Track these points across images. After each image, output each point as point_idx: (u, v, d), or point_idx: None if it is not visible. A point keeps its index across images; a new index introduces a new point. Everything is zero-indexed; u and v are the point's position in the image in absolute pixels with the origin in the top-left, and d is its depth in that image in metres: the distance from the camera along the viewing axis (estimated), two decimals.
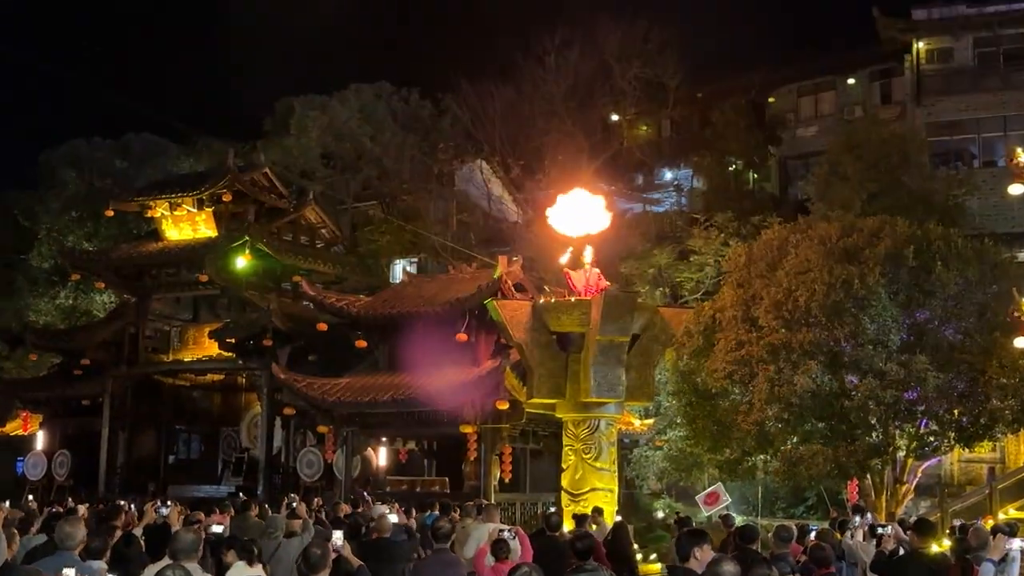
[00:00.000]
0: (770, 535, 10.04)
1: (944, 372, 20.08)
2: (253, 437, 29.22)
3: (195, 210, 28.67)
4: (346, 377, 23.61)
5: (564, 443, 15.16)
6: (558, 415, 15.46)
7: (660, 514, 27.15)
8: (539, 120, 41.63)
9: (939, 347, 20.42)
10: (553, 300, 15.22)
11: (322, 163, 40.26)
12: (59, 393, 29.14)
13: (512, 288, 22.23)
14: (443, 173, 40.39)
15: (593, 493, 14.63)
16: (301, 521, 11.48)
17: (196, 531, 7.94)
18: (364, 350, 24.27)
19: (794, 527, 10.81)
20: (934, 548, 9.98)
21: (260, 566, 8.53)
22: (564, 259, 15.62)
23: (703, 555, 6.76)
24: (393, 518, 12.49)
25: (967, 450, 23.72)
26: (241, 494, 22.95)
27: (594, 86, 43.11)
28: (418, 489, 24.07)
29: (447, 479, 24.57)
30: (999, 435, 21.94)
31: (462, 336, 22.34)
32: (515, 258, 23.99)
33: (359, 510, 14.75)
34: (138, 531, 11.28)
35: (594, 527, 13.07)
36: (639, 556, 18.13)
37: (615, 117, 44.37)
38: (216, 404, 31.60)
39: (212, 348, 27.61)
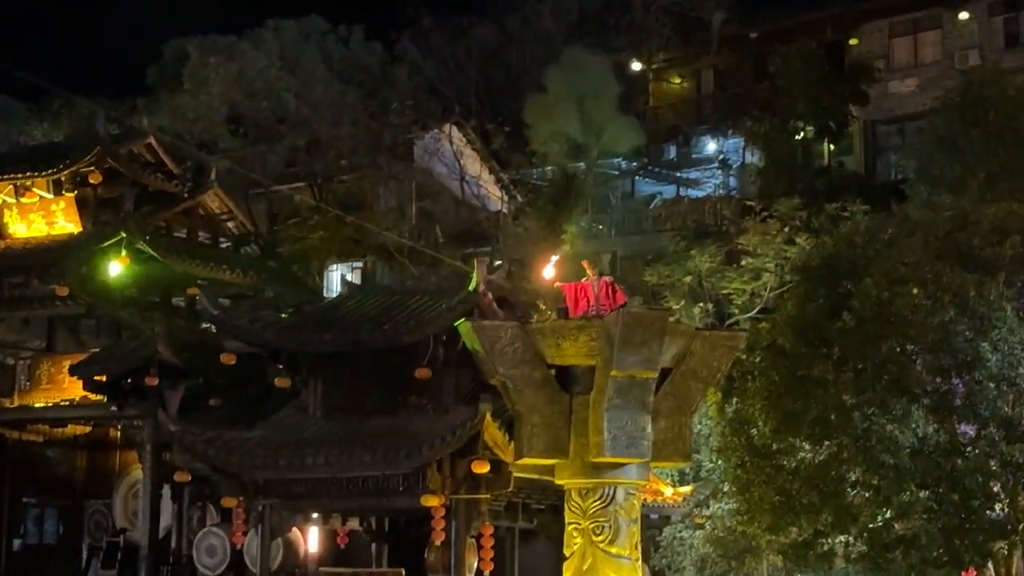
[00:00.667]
0: None
1: None
2: (131, 513, 29.12)
3: (50, 195, 28.64)
4: (262, 429, 23.57)
5: (567, 520, 15.14)
6: (558, 481, 15.44)
7: None
8: (532, 70, 41.75)
9: None
10: (551, 320, 15.22)
11: (229, 129, 40.30)
12: None
13: (494, 304, 22.25)
14: (398, 143, 40.43)
15: None
16: None
17: None
18: (287, 391, 24.24)
19: None
20: None
21: None
22: (548, 272, 15.67)
23: None
24: None
25: None
26: None
27: (608, 23, 43.33)
28: None
29: (403, 571, 24.56)
30: None
31: (424, 372, 22.33)
32: (498, 262, 24.01)
33: None
34: None
35: None
36: None
37: (637, 66, 44.57)
38: (80, 467, 31.49)
39: (75, 389, 27.51)
